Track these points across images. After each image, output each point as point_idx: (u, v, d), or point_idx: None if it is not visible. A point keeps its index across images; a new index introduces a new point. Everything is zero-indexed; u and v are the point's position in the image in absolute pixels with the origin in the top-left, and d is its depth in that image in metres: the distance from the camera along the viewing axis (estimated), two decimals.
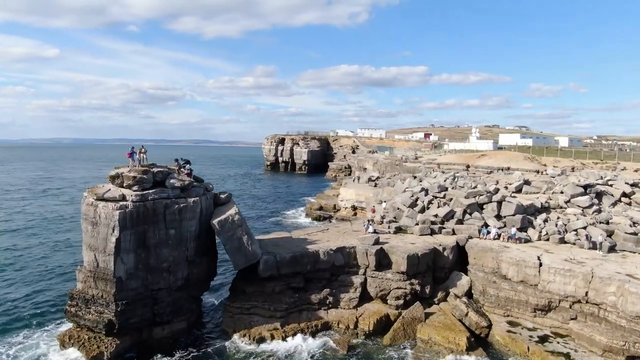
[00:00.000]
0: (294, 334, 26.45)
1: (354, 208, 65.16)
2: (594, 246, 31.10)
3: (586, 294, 25.47)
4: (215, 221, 27.07)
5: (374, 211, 44.08)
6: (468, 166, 74.69)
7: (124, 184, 25.37)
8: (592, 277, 25.35)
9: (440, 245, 32.31)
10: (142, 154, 27.68)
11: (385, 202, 47.40)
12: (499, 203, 37.06)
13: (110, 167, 28.09)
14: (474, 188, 39.44)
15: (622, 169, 56.48)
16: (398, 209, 41.19)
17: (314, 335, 26.89)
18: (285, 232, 38.71)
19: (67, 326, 26.17)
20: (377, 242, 31.91)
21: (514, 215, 35.32)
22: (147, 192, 25.21)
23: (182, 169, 28.90)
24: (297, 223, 62.95)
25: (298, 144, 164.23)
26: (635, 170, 56.85)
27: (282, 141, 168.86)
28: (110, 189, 25.26)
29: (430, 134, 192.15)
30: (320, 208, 72.55)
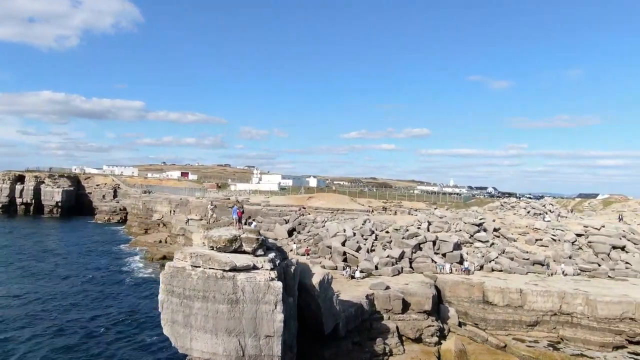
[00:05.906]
0: None
1: None
2: (513, 270, 41.04)
3: (560, 307, 34.19)
4: (315, 282, 24.60)
5: (308, 252, 45.11)
6: (303, 207, 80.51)
7: (244, 249, 20.96)
8: (564, 294, 34.29)
9: (427, 283, 36.58)
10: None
11: (299, 245, 48.60)
12: (434, 242, 43.92)
13: None
14: (406, 231, 45.29)
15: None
16: (345, 252, 43.37)
17: None
18: None
19: None
20: (387, 287, 33.93)
21: (452, 251, 42.64)
22: (269, 256, 21.49)
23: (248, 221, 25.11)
24: None
25: (44, 182, 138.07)
26: (413, 211, 75.49)
27: (20, 179, 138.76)
28: (228, 255, 20.42)
29: (188, 173, 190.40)
30: (164, 257, 65.75)
